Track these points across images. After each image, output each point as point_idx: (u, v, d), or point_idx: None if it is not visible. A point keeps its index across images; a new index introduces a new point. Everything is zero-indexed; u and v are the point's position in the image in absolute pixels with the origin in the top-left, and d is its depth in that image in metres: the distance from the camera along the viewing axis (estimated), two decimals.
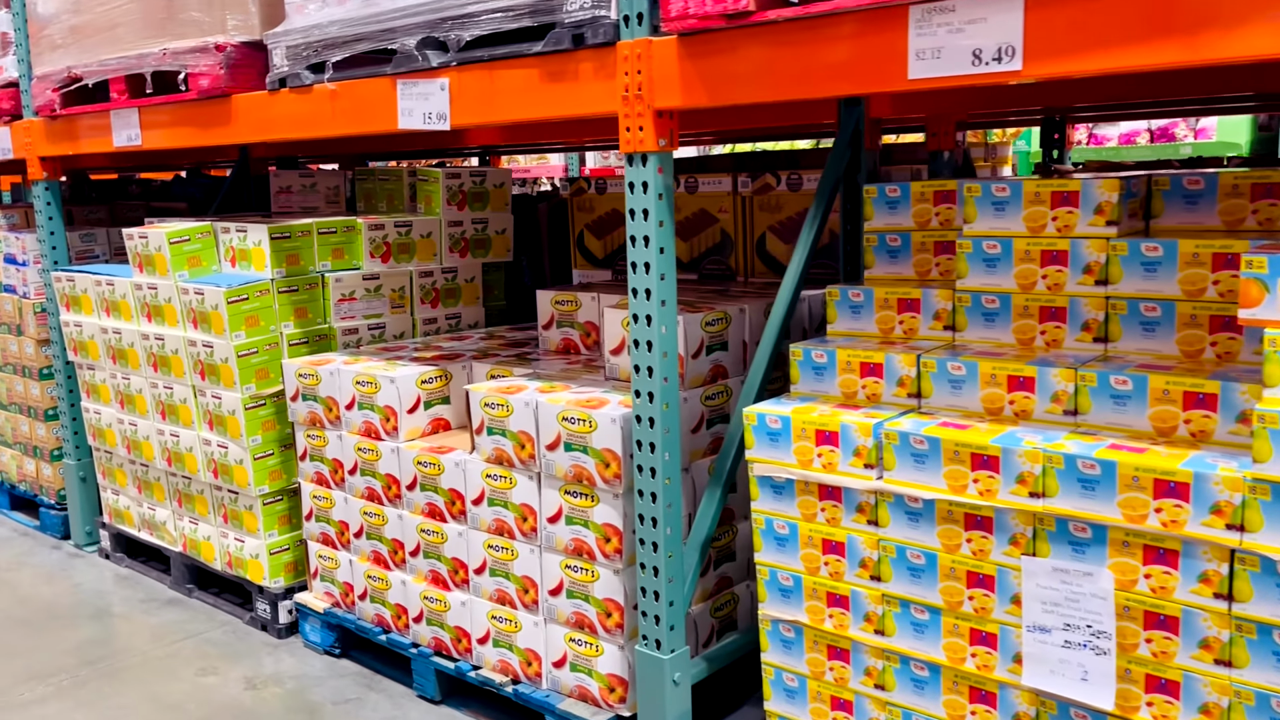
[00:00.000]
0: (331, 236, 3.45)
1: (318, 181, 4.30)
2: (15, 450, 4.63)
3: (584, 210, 3.87)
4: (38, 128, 3.99)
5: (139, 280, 3.52)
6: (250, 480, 3.31)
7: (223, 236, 3.46)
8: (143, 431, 3.71)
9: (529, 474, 2.59)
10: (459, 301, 3.79)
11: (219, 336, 3.25)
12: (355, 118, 2.80)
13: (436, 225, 3.68)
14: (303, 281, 3.38)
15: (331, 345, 3.45)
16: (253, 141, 3.14)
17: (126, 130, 3.55)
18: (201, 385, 3.38)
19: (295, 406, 3.18)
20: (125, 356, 3.67)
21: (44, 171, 4.07)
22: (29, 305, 4.29)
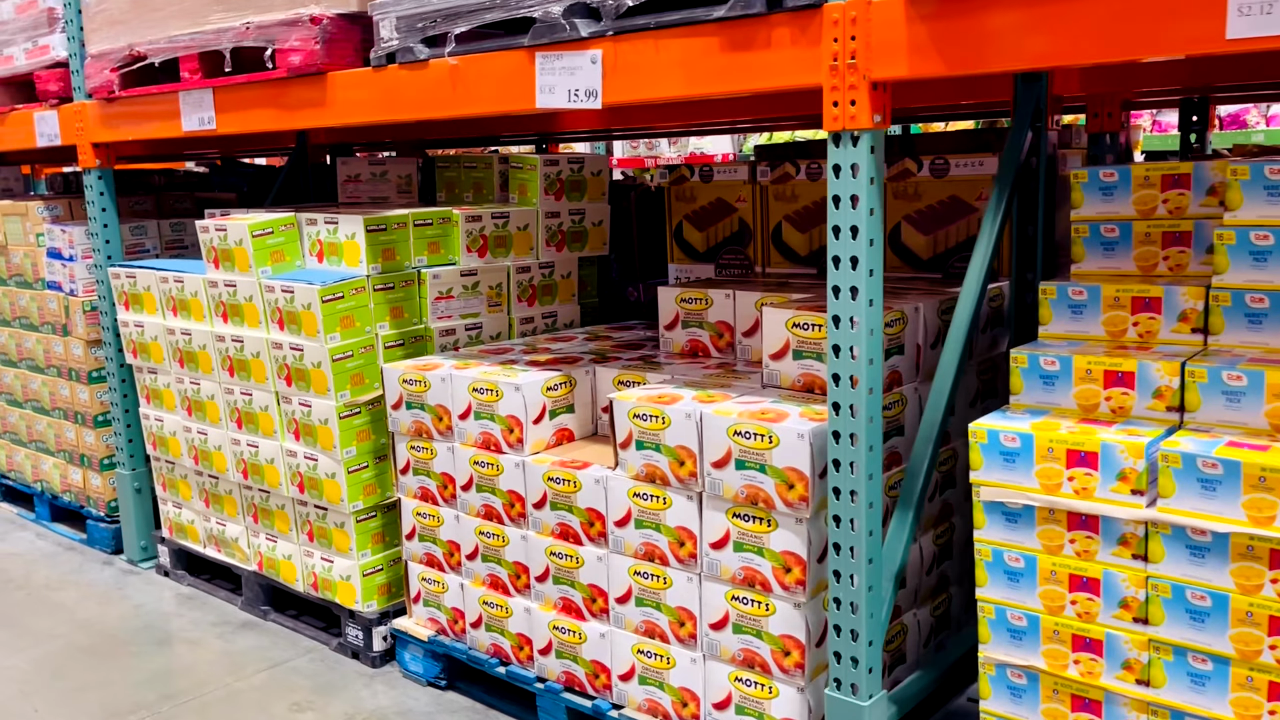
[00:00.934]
0: (427, 229, 3.16)
1: (388, 170, 4.01)
2: (59, 459, 4.33)
3: (684, 200, 3.58)
4: (91, 111, 3.69)
5: (214, 277, 3.23)
6: (343, 495, 3.02)
7: (308, 229, 3.16)
8: (214, 441, 3.41)
9: (688, 494, 2.32)
10: (555, 299, 3.50)
11: (310, 339, 2.97)
12: (480, 96, 2.51)
13: (533, 217, 3.40)
14: (399, 278, 3.10)
15: (428, 348, 3.16)
16: (350, 124, 2.86)
17: (199, 113, 3.25)
18: (287, 392, 3.09)
19: (397, 415, 2.89)
20: (195, 359, 3.37)
21: (97, 159, 3.77)
22: (77, 303, 3.99)
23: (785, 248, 3.32)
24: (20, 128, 4.05)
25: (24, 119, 4.02)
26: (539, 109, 2.40)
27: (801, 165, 3.25)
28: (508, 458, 2.65)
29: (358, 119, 2.81)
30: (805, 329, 2.38)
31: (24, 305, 4.30)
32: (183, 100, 3.30)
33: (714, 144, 9.84)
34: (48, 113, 3.89)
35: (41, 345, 4.25)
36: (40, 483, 4.48)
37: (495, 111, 2.53)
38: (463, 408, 2.73)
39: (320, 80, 2.86)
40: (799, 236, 3.30)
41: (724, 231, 3.49)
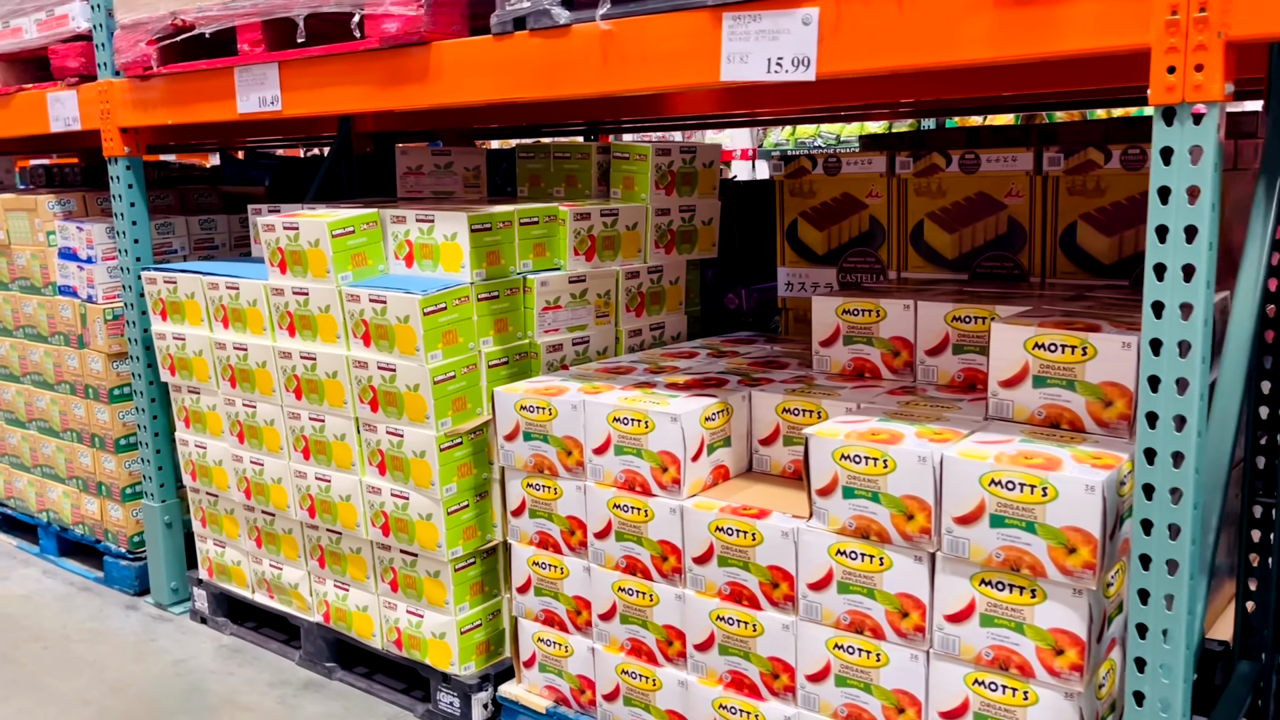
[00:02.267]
0: (532, 229, 2.72)
1: (454, 160, 3.55)
2: (70, 486, 3.83)
3: (800, 195, 3.16)
4: (120, 91, 3.20)
5: (279, 283, 2.76)
6: (440, 540, 2.57)
7: (393, 228, 2.71)
8: (272, 472, 2.94)
9: (915, 554, 1.90)
10: (663, 308, 3.07)
11: (406, 357, 2.51)
12: (641, 69, 2.08)
13: (642, 215, 2.96)
14: (503, 286, 2.65)
15: (533, 366, 2.72)
16: (461, 104, 2.40)
17: (259, 91, 2.78)
18: (371, 418, 2.64)
19: (511, 448, 2.45)
20: (251, 378, 2.90)
21: (125, 146, 3.28)
22: (97, 311, 3.50)
23: (928, 249, 2.91)
24: (30, 111, 3.55)
25: (34, 101, 3.52)
26: (723, 83, 1.97)
27: (954, 156, 2.84)
28: (660, 501, 2.21)
29: (472, 98, 2.36)
30: (1051, 350, 1.97)
31: (30, 313, 3.79)
32: (239, 77, 2.83)
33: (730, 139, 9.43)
34: (65, 93, 3.40)
35: (51, 358, 3.75)
36: (46, 513, 3.98)
37: (661, 88, 2.10)
38: (599, 441, 2.29)
39: (423, 52, 2.41)
40: (945, 237, 2.89)
41: (850, 231, 3.08)
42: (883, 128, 8.56)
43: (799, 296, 3.21)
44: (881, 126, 8.54)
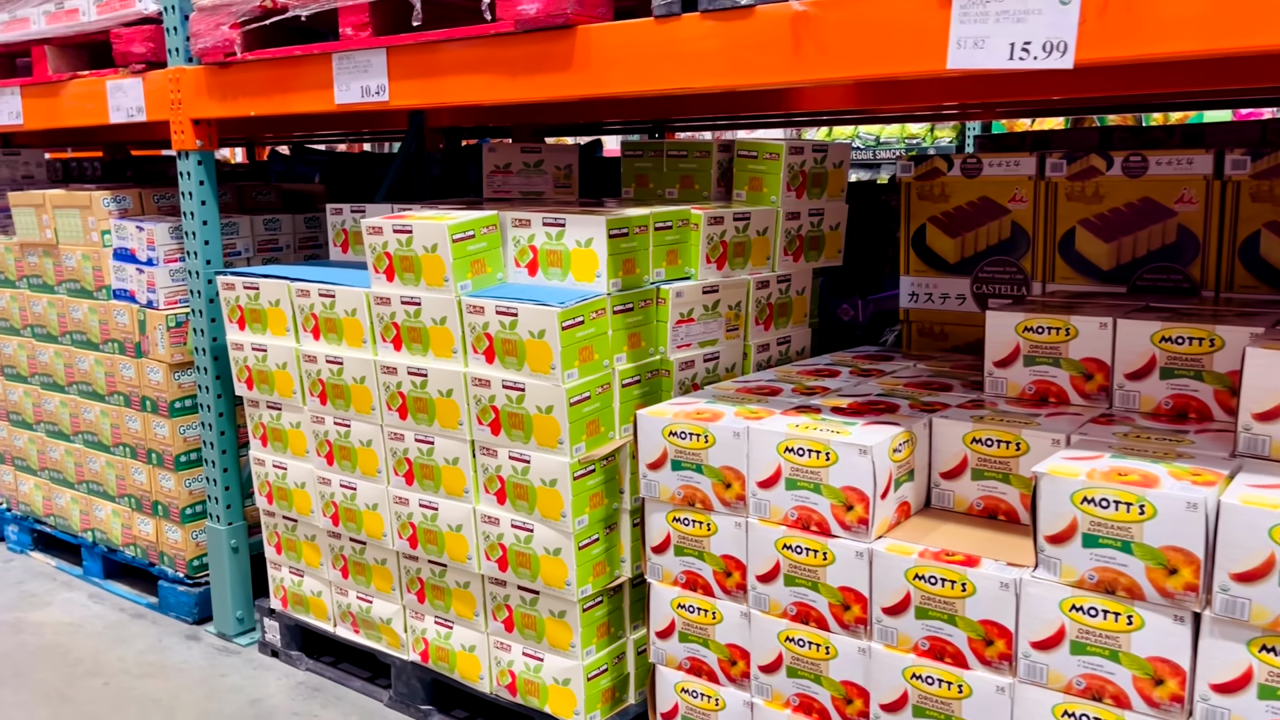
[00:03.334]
0: (666, 234, 2.47)
1: (544, 158, 3.30)
2: (121, 505, 3.56)
3: (930, 198, 2.92)
4: (194, 79, 2.94)
5: (386, 291, 2.50)
6: (570, 577, 2.32)
7: (514, 232, 2.46)
8: (367, 497, 2.69)
9: (1175, 613, 1.66)
10: (790, 320, 2.83)
11: (539, 376, 2.26)
12: (843, 56, 1.83)
13: (773, 219, 2.72)
14: (638, 298, 2.40)
15: (665, 385, 2.47)
16: (614, 94, 2.15)
17: (363, 80, 2.52)
18: (491, 442, 2.38)
19: (656, 477, 2.20)
20: (346, 395, 2.64)
21: (198, 139, 3.02)
22: (159, 318, 3.23)
23: (1079, 259, 2.68)
24: (86, 100, 3.28)
25: (92, 89, 3.25)
26: (950, 71, 1.73)
27: (1116, 158, 2.61)
28: (843, 543, 1.97)
29: (625, 88, 2.11)
30: None
31: (79, 318, 3.52)
32: (339, 64, 2.57)
33: None
34: (129, 81, 3.13)
35: (103, 367, 3.48)
36: (92, 532, 3.71)
37: (863, 76, 1.85)
38: (767, 473, 2.04)
39: (567, 37, 2.16)
40: (1101, 247, 2.66)
41: (988, 238, 2.84)
42: (924, 130, 8.33)
43: (924, 308, 2.97)
44: (923, 129, 8.31)
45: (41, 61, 3.41)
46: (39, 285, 3.68)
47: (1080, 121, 7.81)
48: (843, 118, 5.81)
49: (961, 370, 2.56)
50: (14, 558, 4.02)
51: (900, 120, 7.34)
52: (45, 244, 3.59)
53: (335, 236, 3.07)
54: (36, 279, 3.68)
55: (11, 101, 3.54)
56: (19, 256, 3.74)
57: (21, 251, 3.72)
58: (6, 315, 3.87)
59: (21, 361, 3.84)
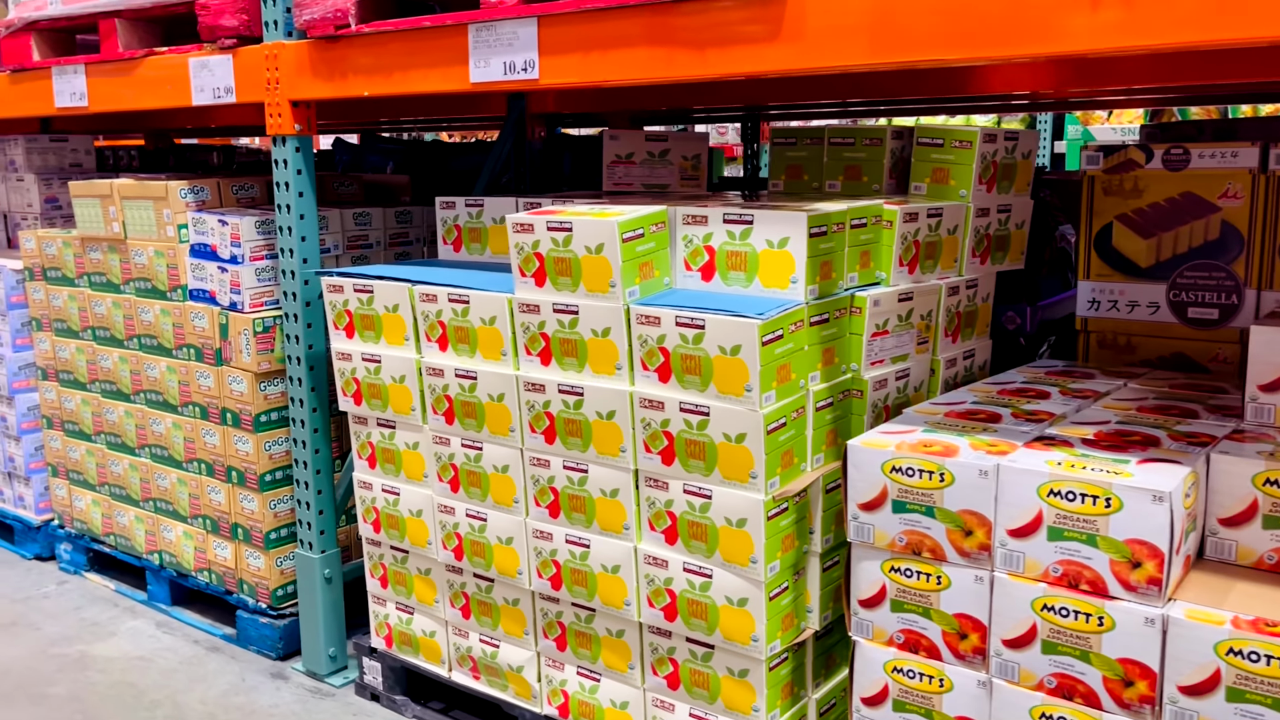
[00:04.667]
0: (859, 232, 2.15)
1: (670, 148, 2.97)
2: (194, 526, 3.24)
3: (1120, 194, 2.59)
4: (296, 55, 2.62)
5: (535, 297, 2.18)
6: (757, 632, 2.00)
7: (687, 230, 2.13)
8: (500, 529, 2.36)
9: None
10: (974, 331, 2.50)
11: (730, 398, 1.93)
12: (1166, 21, 1.50)
13: (962, 216, 2.39)
14: (832, 306, 2.08)
15: (856, 408, 2.15)
16: (829, 69, 1.83)
17: (507, 55, 2.20)
18: (661, 472, 2.06)
19: (871, 520, 1.88)
20: (479, 413, 2.32)
21: (296, 123, 2.70)
22: (244, 322, 2.91)
23: None
24: (164, 80, 2.96)
25: (171, 68, 2.93)
26: None
27: None
28: (1126, 607, 1.64)
29: (850, 60, 1.78)
30: None
31: (150, 321, 3.20)
32: (477, 37, 2.24)
33: None
34: (216, 58, 2.80)
35: (176, 375, 3.16)
36: (159, 554, 3.39)
37: (1182, 45, 1.52)
38: (1022, 519, 1.72)
39: (774, 2, 1.83)
40: None
41: (1191, 239, 2.51)
42: (991, 121, 7.98)
43: (1107, 317, 2.64)
44: (990, 120, 7.96)
45: (111, 37, 3.09)
46: (102, 284, 3.36)
47: (1159, 114, 7.49)
48: (904, 107, 5.45)
49: (1188, 392, 2.23)
50: (68, 579, 3.71)
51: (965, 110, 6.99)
52: (111, 239, 3.26)
53: (446, 233, 2.75)
54: (99, 277, 3.36)
55: (75, 81, 3.22)
56: (79, 252, 3.42)
57: (83, 247, 3.40)
58: (63, 316, 3.55)
59: (80, 367, 3.53)
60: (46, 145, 4.30)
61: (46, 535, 3.86)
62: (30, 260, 3.64)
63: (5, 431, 3.87)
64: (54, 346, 3.62)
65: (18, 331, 3.78)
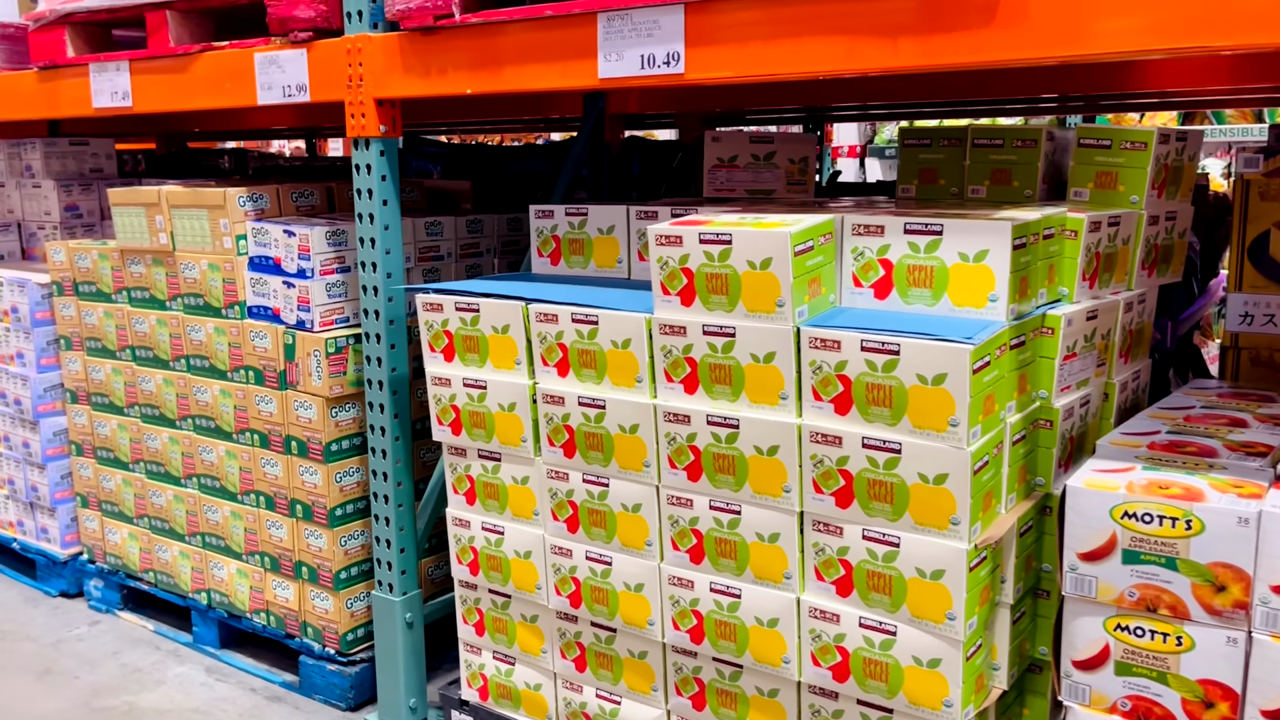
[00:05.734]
0: (1049, 243, 1.93)
1: (777, 150, 2.75)
2: (249, 563, 2.97)
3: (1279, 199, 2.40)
4: (384, 49, 2.37)
5: (681, 317, 1.94)
6: (954, 696, 1.77)
7: (857, 242, 1.90)
8: (627, 575, 2.12)
9: None
10: (1141, 350, 2.29)
11: (927, 434, 1.70)
12: None
13: (1134, 224, 2.18)
14: (1028, 327, 1.86)
15: (1046, 441, 1.92)
16: (1075, 58, 1.60)
17: (645, 46, 1.96)
18: (834, 515, 1.83)
19: (1093, 571, 1.65)
20: (607, 446, 2.08)
21: (381, 124, 2.44)
22: (314, 342, 2.65)
23: None
24: (225, 77, 2.70)
25: (234, 64, 2.67)
26: None
27: None
28: None
29: (1104, 48, 1.56)
30: None
31: (201, 340, 2.94)
32: (608, 27, 2.00)
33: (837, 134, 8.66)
34: (287, 53, 2.55)
35: (232, 400, 2.89)
36: (208, 593, 3.11)
37: None
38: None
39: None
40: None
41: None
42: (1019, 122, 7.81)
43: (1262, 333, 2.45)
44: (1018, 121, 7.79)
45: (160, 31, 2.83)
46: (144, 300, 3.09)
47: (1191, 117, 7.34)
48: (922, 111, 5.24)
49: None
50: (100, 619, 3.43)
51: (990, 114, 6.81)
52: (156, 250, 3.00)
53: (542, 245, 2.50)
54: (141, 292, 3.09)
55: (117, 80, 2.95)
56: (118, 265, 3.15)
57: (122, 259, 3.12)
58: (98, 335, 3.27)
59: (117, 390, 3.25)
60: (65, 149, 4.02)
61: (74, 571, 3.57)
62: (59, 273, 3.37)
63: (28, 458, 3.59)
64: (86, 367, 3.35)
65: (43, 350, 3.50)
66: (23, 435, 3.58)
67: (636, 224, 2.36)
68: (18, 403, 3.55)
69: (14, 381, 3.55)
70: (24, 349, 3.52)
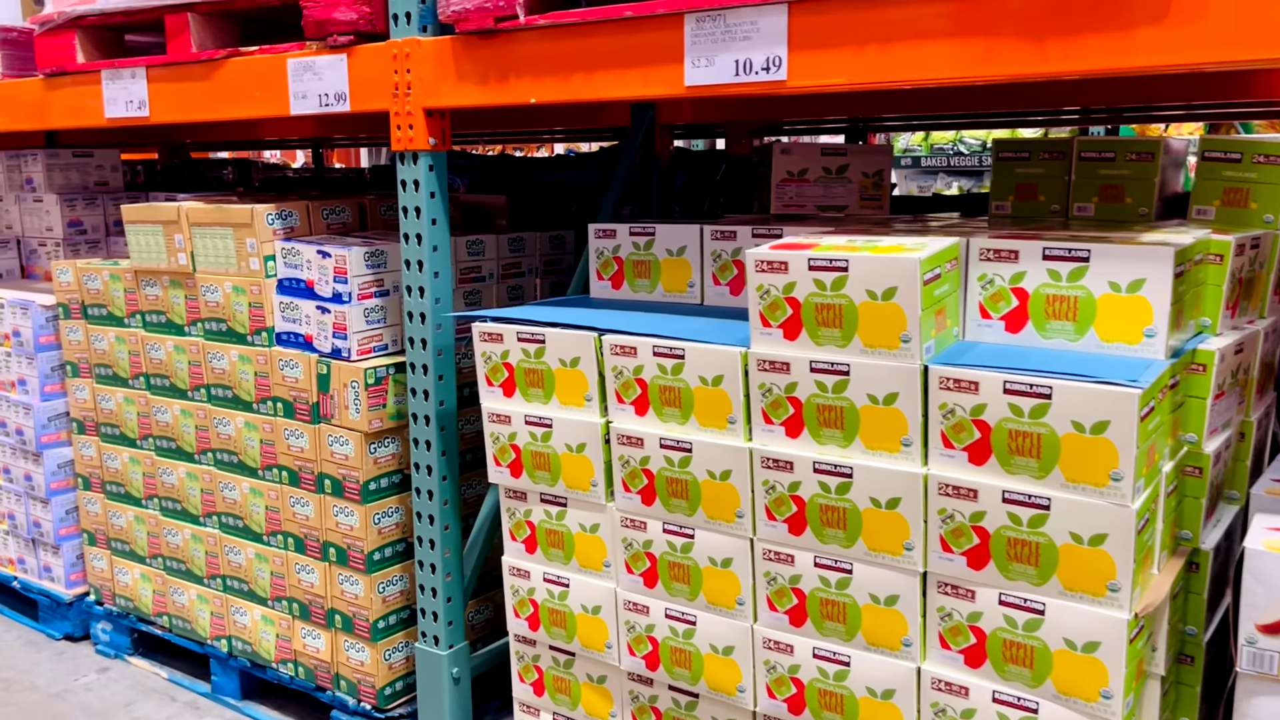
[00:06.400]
0: (1197, 270, 1.73)
1: (850, 163, 2.55)
2: (275, 610, 2.74)
3: None
4: (436, 54, 2.16)
5: (784, 352, 1.73)
6: None
7: (984, 268, 1.70)
8: (713, 636, 1.91)
9: None
10: (1269, 383, 2.09)
11: (1083, 488, 1.50)
12: None
13: (1271, 245, 1.98)
14: (1180, 365, 1.65)
15: (1194, 490, 1.72)
16: (1220, 63, 1.40)
17: (741, 50, 1.75)
18: (965, 577, 1.62)
19: (1277, 645, 1.45)
20: (692, 493, 1.87)
21: (430, 136, 2.23)
22: (351, 373, 2.43)
23: None
24: (253, 86, 2.48)
25: (264, 71, 2.45)
26: None
27: None
28: None
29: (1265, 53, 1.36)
30: None
31: (223, 369, 2.71)
32: (697, 30, 1.80)
33: None
34: (324, 59, 2.33)
35: (258, 433, 2.67)
36: (228, 640, 2.89)
37: None
38: None
39: None
40: None
41: None
42: (1039, 134, 7.65)
43: None
44: (1038, 133, 7.64)
45: (181, 35, 2.61)
46: (160, 324, 2.87)
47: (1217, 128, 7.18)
48: (941, 123, 5.05)
49: None
50: (109, 664, 3.19)
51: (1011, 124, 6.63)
52: (175, 272, 2.78)
53: (604, 267, 2.30)
54: (157, 316, 2.87)
55: (132, 87, 2.73)
56: (131, 287, 2.93)
57: (136, 280, 2.90)
58: (109, 361, 3.05)
59: (129, 420, 3.02)
60: (69, 161, 3.80)
61: (80, 612, 3.34)
62: (66, 295, 3.14)
63: (30, 492, 3.35)
64: (95, 396, 3.12)
65: (47, 377, 3.27)
66: (24, 467, 3.35)
67: (711, 245, 2.15)
68: (19, 433, 3.32)
69: (15, 410, 3.32)
70: (26, 375, 3.29)
